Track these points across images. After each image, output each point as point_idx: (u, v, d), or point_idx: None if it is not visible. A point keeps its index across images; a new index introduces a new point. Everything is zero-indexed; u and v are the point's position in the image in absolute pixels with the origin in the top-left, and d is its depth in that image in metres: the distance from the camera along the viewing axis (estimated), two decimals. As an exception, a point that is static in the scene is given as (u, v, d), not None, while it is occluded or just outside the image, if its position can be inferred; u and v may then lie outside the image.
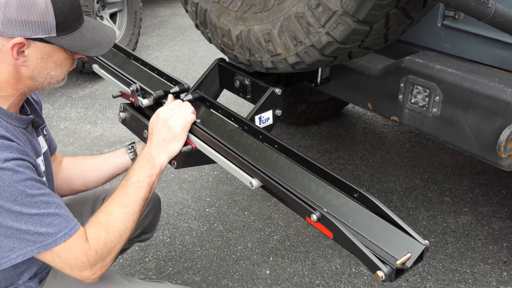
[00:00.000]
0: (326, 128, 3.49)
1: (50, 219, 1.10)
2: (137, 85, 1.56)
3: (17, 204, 1.06)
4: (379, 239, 1.01)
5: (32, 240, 1.09)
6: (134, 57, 1.92)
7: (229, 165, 1.25)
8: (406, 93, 1.61)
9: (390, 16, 1.32)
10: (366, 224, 1.04)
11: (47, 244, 1.10)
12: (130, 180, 1.28)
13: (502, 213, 2.59)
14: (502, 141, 1.36)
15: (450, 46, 1.71)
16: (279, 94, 1.64)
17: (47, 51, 1.16)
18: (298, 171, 1.18)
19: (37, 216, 1.09)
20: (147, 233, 1.80)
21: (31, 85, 1.21)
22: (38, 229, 1.09)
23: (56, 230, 1.11)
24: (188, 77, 4.41)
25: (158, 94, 1.49)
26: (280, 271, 2.24)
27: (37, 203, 1.09)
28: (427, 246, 0.95)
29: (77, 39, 1.19)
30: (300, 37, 1.38)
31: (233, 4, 1.56)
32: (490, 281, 2.17)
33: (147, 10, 6.48)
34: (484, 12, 1.17)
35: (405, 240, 0.96)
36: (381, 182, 2.87)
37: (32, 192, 1.09)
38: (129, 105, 1.61)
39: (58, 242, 1.11)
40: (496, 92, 1.40)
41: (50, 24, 1.11)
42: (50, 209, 1.11)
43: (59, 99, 3.97)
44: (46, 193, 1.13)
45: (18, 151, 1.11)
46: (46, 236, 1.10)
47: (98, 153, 3.19)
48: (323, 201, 1.13)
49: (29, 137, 1.26)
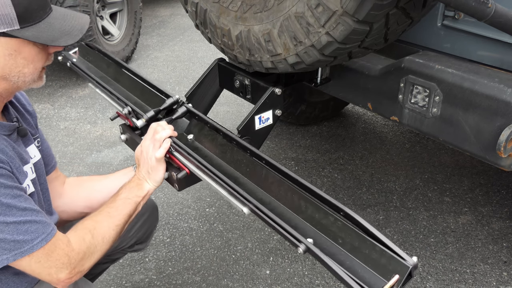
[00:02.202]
0: (326, 128, 3.49)
1: (26, 226, 1.09)
2: (129, 108, 1.58)
3: None
4: (367, 261, 1.01)
5: (8, 248, 1.07)
6: (126, 68, 1.88)
7: (222, 193, 1.27)
8: (406, 93, 1.61)
9: (390, 16, 1.32)
10: (355, 245, 1.03)
11: (23, 251, 1.09)
12: (120, 196, 1.34)
13: (502, 213, 2.59)
14: (502, 141, 1.36)
15: (450, 46, 1.71)
16: (279, 94, 1.64)
17: (13, 46, 1.09)
18: (288, 188, 1.19)
19: (13, 224, 1.07)
20: (141, 243, 1.75)
21: (6, 86, 1.15)
22: (15, 237, 1.07)
23: (33, 236, 1.10)
24: (188, 77, 4.41)
25: (149, 116, 1.52)
26: (280, 271, 2.24)
27: (12, 211, 1.07)
28: (415, 264, 0.93)
29: (43, 29, 1.11)
30: (300, 37, 1.38)
31: (233, 4, 1.56)
32: (490, 281, 2.17)
33: (147, 10, 6.48)
34: (484, 12, 1.17)
35: (393, 260, 0.95)
36: (381, 182, 2.87)
37: (6, 201, 1.07)
38: (127, 127, 1.63)
39: (35, 248, 1.10)
40: (496, 92, 1.40)
41: (10, 16, 1.05)
42: (26, 217, 1.09)
43: (59, 99, 3.97)
44: (21, 200, 1.10)
45: None
46: (23, 244, 1.08)
47: (98, 153, 3.20)
48: (312, 221, 1.13)
49: (12, 144, 1.21)
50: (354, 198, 2.72)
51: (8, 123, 1.22)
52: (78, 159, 3.12)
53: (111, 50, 4.32)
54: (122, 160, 3.10)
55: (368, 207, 2.65)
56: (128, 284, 2.17)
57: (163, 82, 4.33)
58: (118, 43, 4.50)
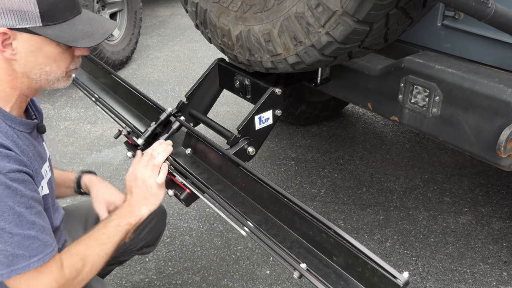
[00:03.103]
0: (326, 128, 3.49)
1: (29, 241, 1.08)
2: (128, 128, 1.65)
3: (2, 220, 1.04)
4: (361, 279, 1.01)
5: (5, 262, 1.06)
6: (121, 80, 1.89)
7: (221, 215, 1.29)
8: (406, 93, 1.61)
9: (390, 16, 1.32)
10: (348, 262, 1.04)
11: (19, 268, 1.07)
12: (111, 222, 1.31)
13: (502, 213, 2.59)
14: (502, 141, 1.36)
15: (450, 46, 1.71)
16: (279, 94, 1.64)
17: (36, 44, 1.10)
18: (282, 204, 1.20)
19: (18, 236, 1.06)
20: (149, 246, 1.79)
21: (28, 83, 1.16)
22: (16, 250, 1.06)
23: (32, 254, 1.08)
24: (188, 77, 4.41)
25: (147, 135, 1.57)
26: (280, 271, 2.24)
27: (22, 222, 1.07)
28: (406, 281, 0.93)
29: (65, 29, 1.12)
30: (300, 37, 1.38)
31: (233, 4, 1.56)
32: (490, 281, 2.17)
33: (147, 10, 6.48)
34: (484, 12, 1.17)
35: (385, 278, 0.96)
36: (381, 182, 2.87)
37: (20, 210, 1.06)
38: (130, 145, 1.67)
39: (30, 267, 1.08)
40: (496, 92, 1.39)
41: (33, 12, 1.06)
42: (32, 231, 1.09)
43: (59, 99, 3.97)
44: (33, 212, 1.10)
45: (16, 161, 1.08)
46: (21, 259, 1.07)
47: (98, 153, 3.20)
48: (307, 237, 1.14)
49: (34, 143, 1.23)
50: (354, 198, 2.72)
51: (30, 121, 1.23)
52: (78, 159, 3.12)
53: (111, 50, 4.33)
54: (122, 160, 3.10)
55: (368, 207, 2.65)
56: (128, 284, 2.17)
57: (163, 82, 4.33)
58: (118, 43, 4.50)
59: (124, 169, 3.01)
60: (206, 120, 1.80)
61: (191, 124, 1.79)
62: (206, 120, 1.80)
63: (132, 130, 1.65)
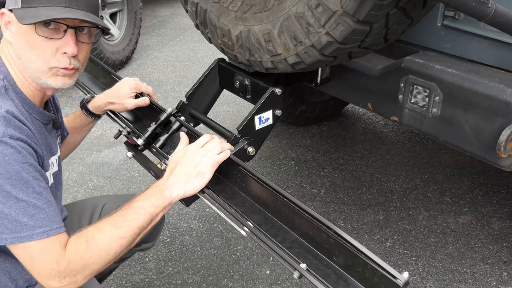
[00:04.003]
0: (326, 128, 3.49)
1: (35, 211, 1.05)
2: (127, 129, 1.65)
3: (8, 184, 1.02)
4: (361, 279, 1.01)
5: (9, 227, 1.03)
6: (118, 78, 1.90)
7: (222, 215, 1.28)
8: (406, 93, 1.61)
9: (390, 16, 1.32)
10: (348, 262, 1.04)
11: (22, 236, 1.04)
12: (134, 204, 1.19)
13: (502, 213, 2.59)
14: (502, 141, 1.36)
15: (450, 46, 1.71)
16: (279, 94, 1.64)
17: (21, 27, 1.12)
18: (282, 204, 1.19)
19: (24, 202, 1.04)
20: (148, 242, 1.74)
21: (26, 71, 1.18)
22: (20, 217, 1.03)
23: (36, 224, 1.05)
24: (188, 77, 4.41)
25: (146, 136, 1.57)
26: (280, 271, 2.24)
27: (28, 190, 1.04)
28: (406, 281, 0.93)
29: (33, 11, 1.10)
30: (300, 37, 1.38)
31: (233, 4, 1.56)
32: (490, 281, 2.17)
33: (147, 10, 6.48)
34: (484, 12, 1.17)
35: (385, 278, 0.96)
36: (381, 182, 2.87)
37: (27, 176, 1.05)
38: (130, 145, 1.68)
39: (33, 237, 1.04)
40: (496, 92, 1.39)
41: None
42: (38, 201, 1.06)
43: (59, 99, 3.96)
44: (41, 185, 1.09)
45: (27, 135, 1.09)
46: (24, 227, 1.04)
47: (98, 153, 3.20)
48: (307, 237, 1.14)
49: (46, 134, 1.25)
50: (354, 198, 2.72)
51: (47, 113, 1.26)
52: (78, 159, 3.12)
53: (111, 50, 4.33)
54: (122, 160, 3.10)
55: (368, 207, 2.65)
56: (128, 284, 2.17)
57: (163, 82, 4.33)
58: (118, 43, 4.51)
59: (124, 169, 3.01)
60: (206, 120, 1.80)
61: (191, 124, 1.79)
62: (206, 120, 1.80)
63: (132, 130, 1.65)
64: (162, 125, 1.63)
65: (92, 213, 1.64)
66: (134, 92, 1.65)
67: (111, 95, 1.65)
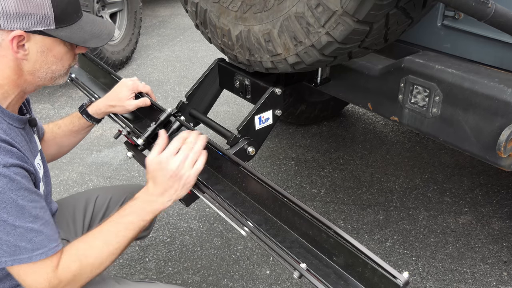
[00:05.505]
0: (326, 128, 3.49)
1: (32, 234, 1.09)
2: (127, 129, 1.65)
3: (5, 212, 1.05)
4: (361, 279, 1.01)
5: (8, 251, 1.07)
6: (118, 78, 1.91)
7: (222, 215, 1.29)
8: (406, 93, 1.61)
9: (390, 16, 1.32)
10: (348, 262, 1.04)
11: (22, 259, 1.08)
12: (124, 218, 1.21)
13: (502, 213, 2.59)
14: (502, 141, 1.36)
15: (450, 46, 1.71)
16: (279, 94, 1.64)
17: (47, 44, 1.16)
18: (282, 204, 1.19)
19: (21, 228, 1.07)
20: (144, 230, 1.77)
21: (32, 80, 1.20)
22: (18, 242, 1.07)
23: (35, 247, 1.09)
24: (188, 77, 4.41)
25: (146, 135, 1.56)
26: (280, 271, 2.24)
27: (24, 215, 1.07)
28: (406, 281, 0.93)
29: (76, 31, 1.20)
30: (300, 37, 1.38)
31: (233, 4, 1.56)
32: (490, 281, 2.17)
33: (147, 10, 6.48)
34: (484, 12, 1.17)
35: (385, 278, 0.95)
36: (381, 182, 2.87)
37: (23, 203, 1.07)
38: (130, 144, 1.67)
39: (32, 259, 1.09)
40: (496, 92, 1.39)
41: (48, 16, 1.12)
42: (35, 225, 1.09)
43: (59, 99, 3.97)
44: (37, 207, 1.11)
45: (18, 157, 1.10)
46: (23, 250, 1.08)
47: (98, 153, 3.20)
48: (307, 237, 1.14)
49: (26, 138, 1.25)
50: (354, 198, 2.72)
51: (22, 117, 1.26)
52: (78, 159, 3.12)
53: (111, 50, 4.33)
54: (122, 160, 3.10)
55: (368, 207, 2.65)
56: (128, 284, 2.17)
57: (163, 82, 4.33)
58: (118, 43, 4.50)
59: (124, 169, 3.01)
60: (206, 120, 1.80)
61: (191, 124, 1.79)
62: (206, 120, 1.80)
63: (132, 130, 1.65)
64: (162, 125, 1.63)
65: (86, 207, 1.65)
66: (133, 92, 1.65)
67: (111, 98, 1.65)
